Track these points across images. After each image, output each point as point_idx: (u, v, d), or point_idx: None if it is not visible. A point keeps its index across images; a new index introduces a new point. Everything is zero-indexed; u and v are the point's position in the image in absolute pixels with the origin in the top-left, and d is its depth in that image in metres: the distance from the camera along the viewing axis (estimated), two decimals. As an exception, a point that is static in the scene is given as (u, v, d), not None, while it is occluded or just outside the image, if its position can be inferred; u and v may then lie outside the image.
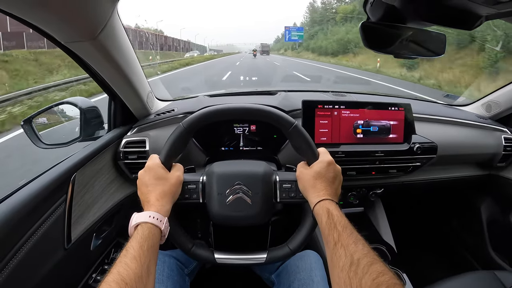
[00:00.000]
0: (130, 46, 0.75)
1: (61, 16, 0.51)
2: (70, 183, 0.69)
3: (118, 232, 0.95)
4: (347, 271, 0.45)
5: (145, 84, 0.91)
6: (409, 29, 0.62)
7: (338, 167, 0.65)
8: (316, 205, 0.58)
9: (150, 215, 0.54)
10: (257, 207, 0.66)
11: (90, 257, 0.84)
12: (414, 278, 0.94)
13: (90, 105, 0.94)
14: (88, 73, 0.77)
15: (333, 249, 0.49)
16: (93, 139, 0.91)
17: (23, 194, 0.59)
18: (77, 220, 0.72)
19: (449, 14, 0.54)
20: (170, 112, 1.01)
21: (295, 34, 42.11)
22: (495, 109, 1.24)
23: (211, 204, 0.67)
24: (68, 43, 0.60)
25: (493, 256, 1.26)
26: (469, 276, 0.86)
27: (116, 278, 0.43)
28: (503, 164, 1.17)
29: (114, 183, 0.90)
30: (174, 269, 0.80)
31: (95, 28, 0.58)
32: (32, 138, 0.90)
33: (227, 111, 0.68)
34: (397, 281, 0.42)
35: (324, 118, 0.95)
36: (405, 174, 1.06)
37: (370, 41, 0.62)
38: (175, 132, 0.66)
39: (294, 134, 0.67)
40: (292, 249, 0.67)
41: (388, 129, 0.99)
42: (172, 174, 0.64)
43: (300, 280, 0.75)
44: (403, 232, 1.21)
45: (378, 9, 0.60)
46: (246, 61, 24.02)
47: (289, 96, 1.16)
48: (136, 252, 0.47)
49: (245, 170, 0.69)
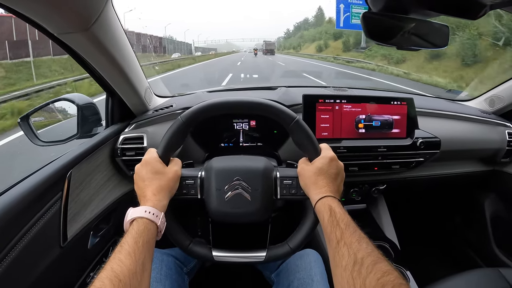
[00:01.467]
0: (125, 39, 0.74)
1: (52, 6, 0.49)
2: (66, 180, 0.68)
3: (116, 230, 0.94)
4: (350, 270, 0.43)
5: (142, 80, 0.90)
6: (412, 20, 0.61)
7: (341, 163, 0.63)
8: (317, 202, 0.56)
9: (146, 210, 0.53)
10: (256, 203, 0.65)
11: (87, 256, 0.82)
12: (418, 275, 0.93)
13: (87, 102, 0.93)
14: (85, 69, 0.76)
15: (336, 248, 0.48)
16: (91, 136, 0.89)
17: (17, 191, 0.57)
18: (73, 217, 0.71)
19: (453, 3, 0.52)
20: (168, 108, 1.00)
21: (357, 14, 14.22)
22: (499, 104, 1.22)
23: (209, 200, 0.65)
24: (60, 35, 0.59)
25: (497, 253, 1.25)
26: (473, 273, 0.85)
27: (109, 274, 0.41)
28: (507, 159, 1.16)
29: (112, 180, 0.89)
30: (172, 267, 0.79)
31: (88, 19, 0.56)
32: (29, 135, 0.88)
33: (226, 105, 0.67)
34: (403, 281, 0.40)
35: (326, 113, 0.94)
36: (408, 170, 1.04)
37: (372, 33, 0.60)
38: (173, 126, 0.64)
39: (296, 129, 0.65)
40: (293, 247, 0.66)
41: (391, 123, 0.97)
42: (170, 168, 0.62)
43: (299, 279, 0.74)
44: (406, 229, 1.20)
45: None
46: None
47: (290, 91, 1.14)
48: (130, 248, 0.46)
49: (244, 165, 0.67)
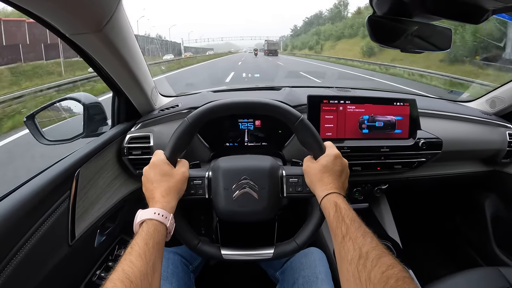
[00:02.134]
0: (134, 39, 0.74)
1: (66, 7, 0.50)
2: (74, 178, 0.68)
3: (122, 229, 0.95)
4: (355, 264, 0.44)
5: (149, 80, 0.90)
6: (415, 23, 0.62)
7: (345, 161, 0.64)
8: (323, 199, 0.58)
9: (155, 212, 0.54)
10: (264, 202, 0.66)
11: (94, 254, 0.83)
12: (419, 273, 0.94)
13: (93, 101, 0.93)
14: (93, 68, 0.76)
15: (341, 243, 0.49)
16: (97, 135, 0.90)
17: (27, 189, 0.58)
18: (81, 216, 0.71)
19: (456, 7, 0.53)
20: (174, 108, 1.01)
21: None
22: (500, 105, 1.23)
23: (217, 199, 0.66)
24: (72, 35, 0.59)
25: (497, 252, 1.26)
26: (473, 272, 0.86)
27: (121, 276, 0.42)
28: (508, 160, 1.17)
29: (118, 179, 0.90)
30: (178, 265, 0.80)
31: (101, 20, 0.57)
32: (35, 134, 0.89)
33: (232, 105, 0.68)
34: (406, 274, 0.41)
35: (330, 113, 0.95)
36: (410, 170, 1.05)
37: (377, 35, 0.61)
38: (180, 127, 0.65)
39: (301, 128, 0.66)
40: (300, 244, 0.67)
41: (394, 124, 0.98)
42: (178, 170, 0.63)
43: (304, 277, 0.75)
44: (408, 228, 1.21)
45: (384, 3, 0.59)
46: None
47: (294, 91, 1.15)
48: (141, 250, 0.47)
49: (251, 164, 0.68)
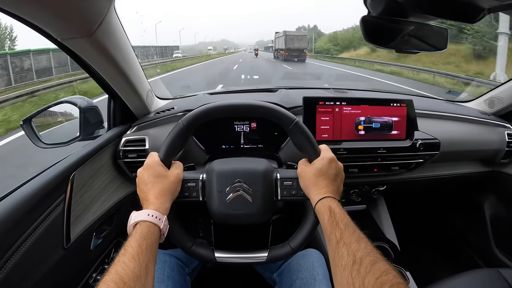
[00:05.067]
0: (128, 43, 0.74)
1: (56, 11, 0.50)
2: (69, 182, 0.69)
3: (118, 232, 0.95)
4: (349, 270, 0.44)
5: (144, 82, 0.91)
6: (411, 23, 0.61)
7: (340, 164, 0.64)
8: (317, 203, 0.57)
9: (149, 214, 0.54)
10: (257, 205, 0.65)
11: (90, 257, 0.83)
12: (418, 276, 0.93)
13: (89, 104, 0.93)
14: (87, 72, 0.77)
15: (335, 248, 0.48)
16: (93, 138, 0.90)
17: (21, 193, 0.58)
18: (76, 219, 0.72)
19: (451, 6, 0.53)
20: (169, 110, 1.01)
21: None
22: (498, 105, 1.23)
23: (211, 202, 0.66)
24: (64, 40, 0.59)
25: (497, 253, 1.25)
26: (473, 274, 0.85)
27: (114, 277, 0.42)
28: (506, 160, 1.16)
29: (114, 182, 0.90)
30: (175, 268, 0.80)
31: (92, 24, 0.57)
32: (32, 137, 0.89)
33: (226, 108, 0.67)
34: (401, 280, 0.41)
35: (326, 115, 0.94)
36: (407, 171, 1.05)
37: (371, 36, 0.61)
38: (174, 130, 0.65)
39: (295, 131, 0.66)
40: (294, 247, 0.66)
41: (390, 125, 0.98)
42: (172, 172, 0.63)
43: (302, 279, 0.74)
44: (406, 230, 1.20)
45: (379, 3, 0.59)
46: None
47: (290, 93, 1.15)
48: (134, 251, 0.47)
49: (245, 167, 0.68)
